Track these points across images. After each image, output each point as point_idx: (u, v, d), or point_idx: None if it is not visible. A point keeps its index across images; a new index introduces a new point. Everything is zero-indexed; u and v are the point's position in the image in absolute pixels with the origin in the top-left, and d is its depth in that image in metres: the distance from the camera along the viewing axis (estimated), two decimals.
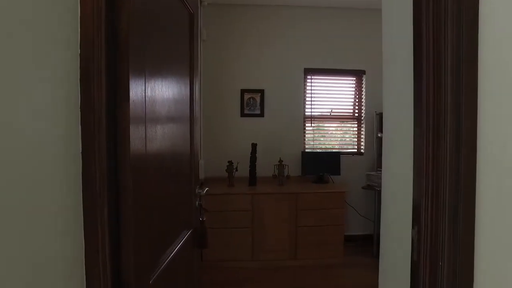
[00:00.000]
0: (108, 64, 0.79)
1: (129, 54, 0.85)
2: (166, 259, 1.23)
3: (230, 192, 3.32)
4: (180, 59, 1.46)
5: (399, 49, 1.17)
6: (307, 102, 4.05)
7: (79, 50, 0.74)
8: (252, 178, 3.63)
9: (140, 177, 0.95)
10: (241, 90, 3.90)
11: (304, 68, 3.99)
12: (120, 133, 0.83)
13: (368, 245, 3.97)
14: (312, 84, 4.05)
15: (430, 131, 0.89)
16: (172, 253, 1.29)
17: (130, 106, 0.86)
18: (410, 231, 0.99)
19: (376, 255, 3.67)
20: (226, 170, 3.60)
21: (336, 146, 4.10)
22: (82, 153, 0.75)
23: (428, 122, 0.90)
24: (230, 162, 3.60)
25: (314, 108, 4.06)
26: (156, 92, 1.12)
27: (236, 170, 3.62)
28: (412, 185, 1.03)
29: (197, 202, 1.70)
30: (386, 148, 1.27)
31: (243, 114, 3.92)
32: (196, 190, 1.71)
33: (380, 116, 4.00)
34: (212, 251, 3.25)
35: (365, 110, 4.08)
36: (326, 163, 3.85)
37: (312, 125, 4.07)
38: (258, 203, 3.32)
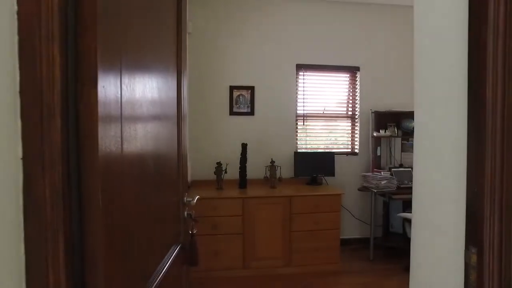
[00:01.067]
0: (64, 31, 0.54)
1: (96, 23, 0.61)
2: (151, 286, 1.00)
3: (219, 196, 3.08)
4: (166, 49, 1.22)
5: (441, 41, 0.95)
6: (299, 100, 3.85)
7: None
8: (242, 181, 3.40)
9: (113, 189, 0.71)
10: (230, 86, 3.67)
11: (296, 64, 3.78)
12: (84, 131, 0.59)
13: (364, 249, 3.81)
14: (305, 80, 3.85)
15: (498, 135, 0.69)
16: (158, 278, 1.05)
17: (99, 96, 0.61)
18: (462, 254, 0.79)
19: (373, 259, 3.51)
20: (214, 172, 3.36)
21: (330, 146, 3.92)
22: (23, 160, 0.51)
23: (494, 126, 0.69)
24: (219, 164, 3.36)
25: (306, 106, 3.86)
26: (136, 83, 0.88)
27: (225, 172, 3.39)
28: (458, 196, 0.83)
29: (185, 213, 1.46)
30: (421, 155, 1.04)
31: (232, 112, 3.68)
32: (185, 198, 1.47)
33: (375, 114, 3.84)
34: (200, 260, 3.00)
35: (360, 108, 3.92)
36: (319, 164, 3.67)
37: (305, 123, 3.87)
38: (249, 207, 3.10)
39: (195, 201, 1.47)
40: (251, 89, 3.69)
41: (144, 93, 0.95)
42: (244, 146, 3.39)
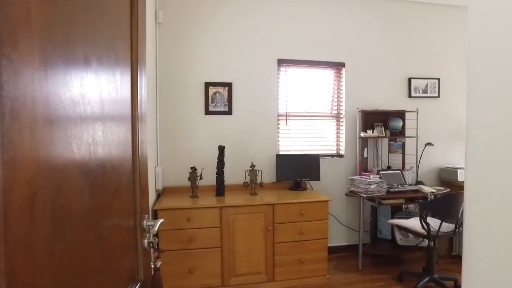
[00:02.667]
0: None
1: None
2: None
3: (193, 205, 2.73)
4: (113, 39, 0.87)
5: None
6: (281, 98, 3.55)
7: None
8: (220, 188, 3.07)
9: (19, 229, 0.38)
10: (205, 83, 3.32)
11: (278, 59, 3.48)
12: None
13: (351, 257, 3.57)
14: (287, 77, 3.56)
15: None
16: None
17: None
18: None
19: (361, 269, 3.26)
20: (188, 178, 3.00)
21: (315, 148, 3.65)
22: None
23: None
24: (193, 169, 3.01)
25: (289, 105, 3.57)
26: (54, 78, 0.54)
27: (201, 178, 3.04)
28: None
29: (146, 241, 1.12)
30: (474, 159, 0.80)
31: (207, 112, 3.34)
32: (145, 222, 1.12)
33: (363, 113, 3.60)
34: (172, 279, 2.65)
35: (345, 107, 3.67)
36: (303, 167, 3.39)
37: (288, 123, 3.58)
38: (227, 217, 2.77)
39: (157, 227, 1.13)
40: (229, 86, 3.36)
41: (70, 90, 0.61)
42: (221, 149, 3.06)
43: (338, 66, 3.62)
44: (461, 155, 4.05)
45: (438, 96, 3.90)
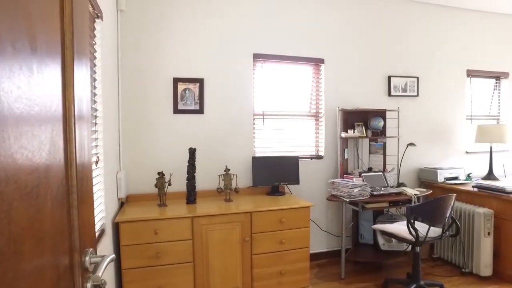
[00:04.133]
0: None
1: None
2: None
3: (161, 215, 2.41)
4: (31, 23, 0.57)
5: None
6: (257, 96, 3.29)
7: None
8: (191, 194, 2.77)
9: None
10: (174, 79, 3.00)
11: (254, 54, 3.22)
12: None
13: (333, 264, 3.38)
14: (264, 73, 3.31)
15: None
16: None
17: None
18: None
19: (344, 277, 3.07)
20: (155, 185, 2.68)
21: (293, 149, 3.42)
22: None
23: None
24: (161, 174, 2.69)
25: (266, 103, 3.32)
26: None
27: (169, 185, 2.72)
28: None
29: (89, 285, 0.82)
30: None
31: (177, 110, 3.02)
32: (87, 259, 0.82)
33: (343, 113, 3.42)
34: None
35: (325, 105, 3.47)
36: (282, 170, 3.15)
37: (264, 123, 3.33)
38: (200, 228, 2.48)
39: (105, 265, 0.83)
40: (200, 82, 3.06)
41: None
42: (192, 152, 2.76)
43: (317, 62, 3.42)
44: (441, 155, 3.98)
45: (417, 95, 3.80)
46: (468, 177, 3.74)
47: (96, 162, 1.92)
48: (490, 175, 3.87)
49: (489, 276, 3.07)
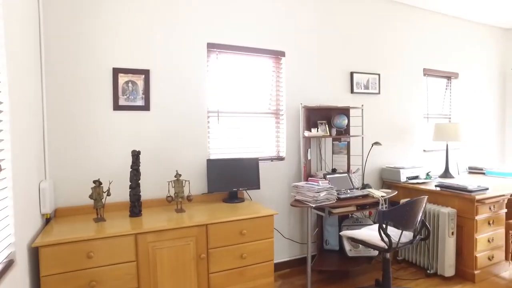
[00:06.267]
0: None
1: None
2: None
3: (97, 234, 1.96)
4: None
5: None
6: (212, 91, 2.93)
7: None
8: (135, 206, 2.33)
9: None
10: (114, 69, 2.54)
11: (208, 43, 2.86)
12: None
13: (297, 274, 3.11)
14: (219, 65, 2.96)
15: None
16: None
17: None
18: None
19: None
20: (90, 195, 2.21)
21: (252, 150, 3.11)
22: None
23: None
24: (97, 183, 2.23)
25: (222, 99, 2.97)
26: None
27: (108, 195, 2.27)
28: None
29: None
30: None
31: (117, 106, 2.56)
32: None
33: (306, 110, 3.17)
34: None
35: (286, 102, 3.20)
36: (240, 174, 2.82)
37: (220, 122, 2.98)
38: (146, 247, 2.06)
39: None
40: (146, 73, 2.63)
41: None
42: (135, 155, 2.33)
43: (277, 55, 3.14)
44: (400, 154, 3.92)
45: (379, 93, 3.69)
46: (428, 175, 3.71)
47: None
48: (446, 173, 3.89)
49: (453, 276, 3.01)
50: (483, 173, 4.20)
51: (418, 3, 3.87)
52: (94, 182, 2.23)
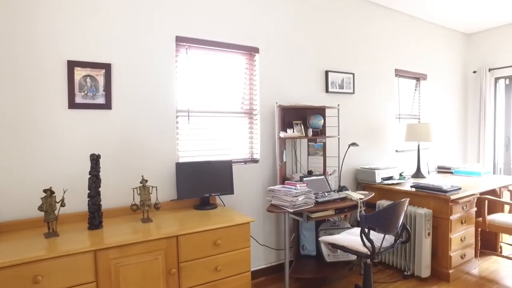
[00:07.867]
0: None
1: None
2: None
3: (48, 253, 1.67)
4: None
5: None
6: (182, 89, 2.70)
7: None
8: (95, 217, 2.06)
9: None
10: (69, 62, 2.24)
11: (176, 36, 2.63)
12: None
13: (273, 283, 2.96)
14: (189, 61, 2.74)
15: None
16: None
17: None
18: None
19: None
20: (40, 207, 1.91)
21: (224, 152, 2.91)
22: None
23: None
24: (49, 192, 1.93)
25: (192, 98, 2.75)
26: None
27: (63, 205, 1.97)
28: None
29: None
30: None
31: (73, 104, 2.26)
32: None
33: (281, 110, 3.03)
34: None
35: (260, 101, 3.04)
36: (213, 178, 2.62)
37: (190, 122, 2.76)
38: (108, 265, 1.81)
39: None
40: (106, 68, 2.35)
41: None
42: (95, 159, 2.05)
43: (251, 51, 2.97)
44: (377, 154, 3.89)
45: (353, 92, 3.63)
46: (401, 176, 3.70)
47: None
48: (418, 173, 3.91)
49: (429, 277, 3.00)
50: (451, 172, 4.28)
51: (390, 4, 3.86)
52: (45, 191, 1.93)
